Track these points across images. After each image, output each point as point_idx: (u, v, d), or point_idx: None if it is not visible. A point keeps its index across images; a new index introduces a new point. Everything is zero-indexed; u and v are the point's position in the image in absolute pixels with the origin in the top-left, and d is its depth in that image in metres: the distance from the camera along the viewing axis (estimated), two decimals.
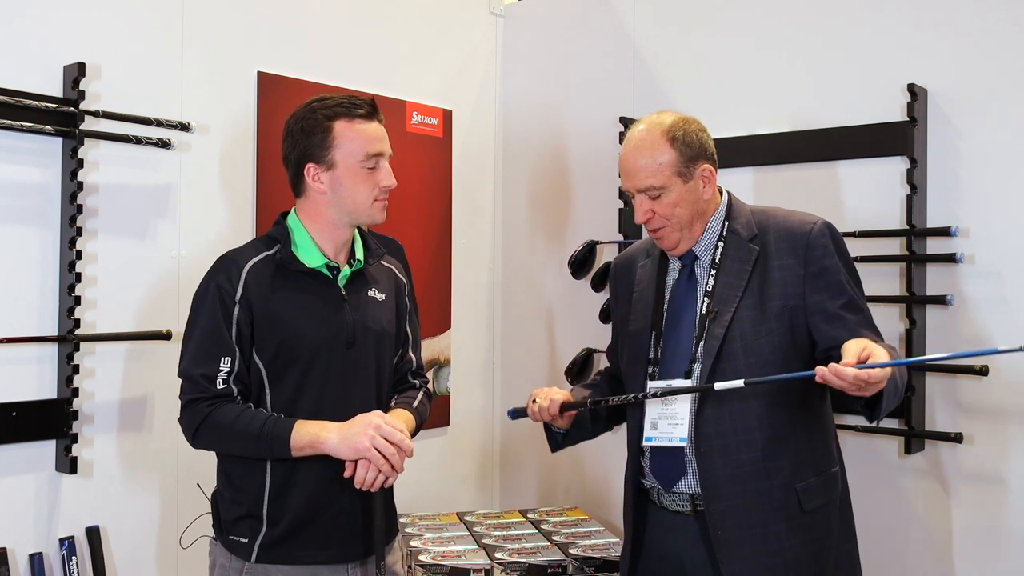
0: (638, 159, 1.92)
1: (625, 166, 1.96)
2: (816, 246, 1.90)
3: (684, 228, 1.95)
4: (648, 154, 1.91)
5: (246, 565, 1.88)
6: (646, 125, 1.95)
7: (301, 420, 1.85)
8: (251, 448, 1.84)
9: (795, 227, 1.93)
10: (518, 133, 3.60)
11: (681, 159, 1.91)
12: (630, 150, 1.95)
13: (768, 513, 1.86)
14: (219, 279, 1.89)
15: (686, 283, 1.99)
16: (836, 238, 1.94)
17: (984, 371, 2.43)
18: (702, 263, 1.98)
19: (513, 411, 2.12)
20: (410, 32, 3.32)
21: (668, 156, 1.91)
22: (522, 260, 3.59)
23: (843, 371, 1.65)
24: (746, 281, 1.91)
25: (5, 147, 2.32)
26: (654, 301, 2.02)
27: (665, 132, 1.92)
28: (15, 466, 2.34)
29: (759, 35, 2.92)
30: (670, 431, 1.91)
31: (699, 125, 1.97)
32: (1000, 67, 2.48)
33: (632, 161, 1.94)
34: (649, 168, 1.91)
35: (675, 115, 1.96)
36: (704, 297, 1.94)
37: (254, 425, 1.82)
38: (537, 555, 2.68)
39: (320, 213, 1.94)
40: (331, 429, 1.84)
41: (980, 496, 2.49)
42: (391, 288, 2.08)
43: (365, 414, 1.87)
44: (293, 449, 1.82)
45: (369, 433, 1.82)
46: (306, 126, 1.91)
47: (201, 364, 1.86)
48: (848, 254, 1.96)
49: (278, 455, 1.83)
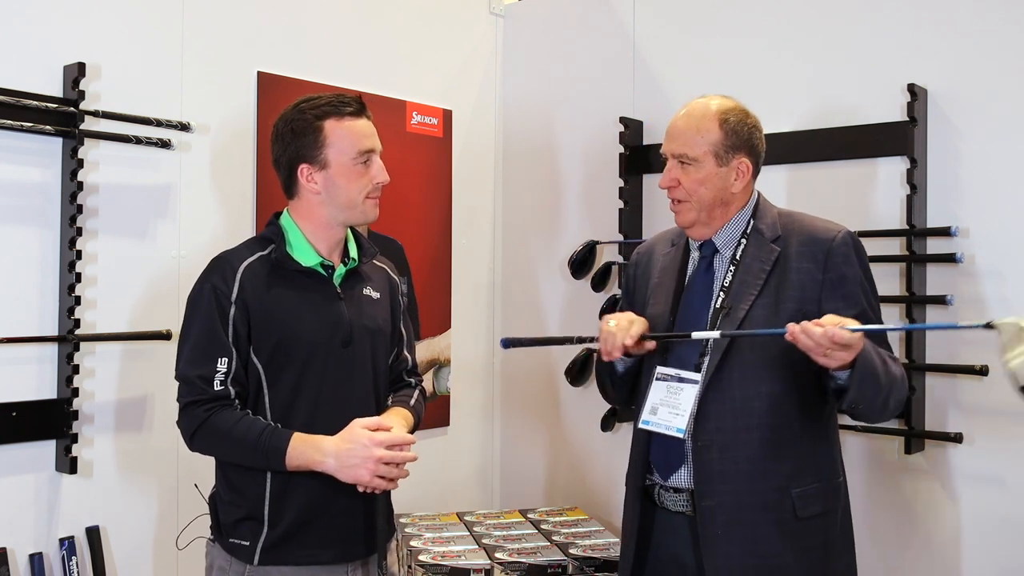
0: (683, 125, 1.95)
1: (670, 128, 1.99)
2: (837, 253, 1.90)
3: (703, 210, 1.95)
4: (695, 124, 1.94)
5: (248, 568, 1.87)
6: (707, 99, 1.98)
7: (298, 434, 1.83)
8: (248, 457, 1.85)
9: (819, 232, 1.93)
10: (518, 133, 3.60)
11: (724, 142, 1.93)
12: (680, 115, 1.98)
13: (759, 514, 1.85)
14: (214, 280, 1.88)
15: (703, 275, 1.99)
16: (859, 248, 1.93)
17: (984, 371, 2.43)
18: (721, 257, 1.98)
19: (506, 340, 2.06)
20: (410, 32, 3.32)
21: (713, 134, 1.93)
22: (522, 260, 3.59)
23: (811, 329, 1.68)
24: (764, 280, 1.91)
25: (5, 147, 2.32)
26: (674, 289, 2.02)
27: (720, 111, 1.95)
28: (15, 466, 2.34)
29: (759, 35, 2.92)
30: (669, 419, 1.90)
31: (756, 123, 1.99)
32: (1000, 67, 2.48)
33: (677, 125, 1.97)
34: (689, 136, 1.93)
35: (739, 104, 1.99)
36: (720, 292, 1.94)
37: (251, 434, 1.82)
38: (537, 555, 2.68)
39: (314, 213, 1.94)
40: (327, 452, 1.82)
41: (980, 496, 2.49)
42: (385, 287, 2.08)
43: (361, 434, 1.85)
44: (288, 465, 1.82)
45: (370, 467, 1.82)
46: (296, 127, 1.92)
47: (198, 366, 1.86)
48: (868, 266, 1.95)
49: (274, 467, 1.83)
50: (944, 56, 2.56)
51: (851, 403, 1.79)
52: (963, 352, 2.49)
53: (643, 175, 3.19)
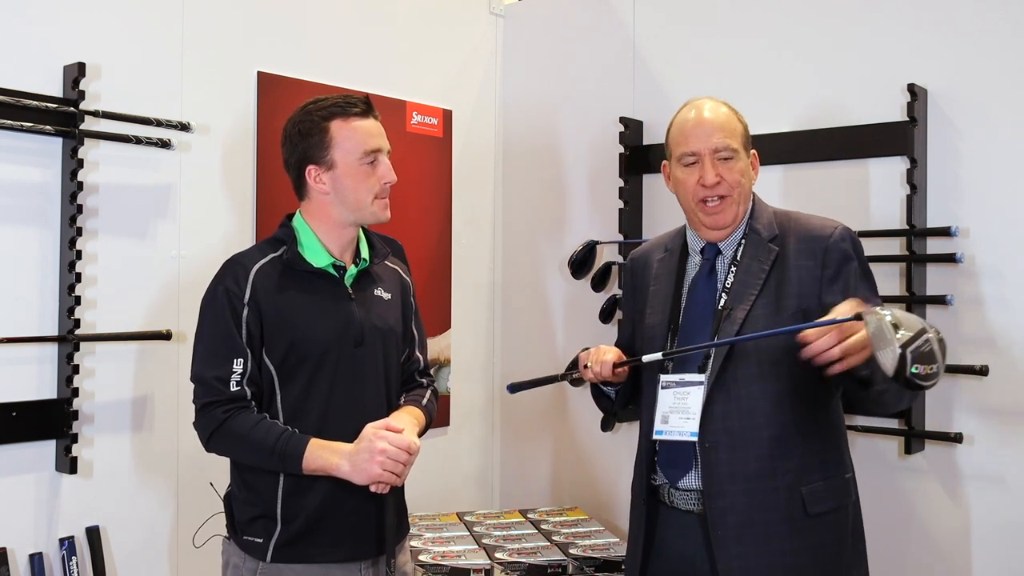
0: (715, 119, 1.96)
1: (697, 127, 1.96)
2: (835, 249, 1.90)
3: (741, 203, 1.97)
4: (724, 117, 1.96)
5: (260, 565, 1.89)
6: (708, 99, 2.00)
7: (314, 440, 1.85)
8: (264, 461, 1.86)
9: (816, 230, 1.94)
10: (518, 133, 3.60)
11: (745, 135, 1.98)
12: (705, 112, 1.97)
13: (770, 513, 1.85)
14: (227, 282, 1.89)
15: (706, 278, 1.99)
16: (856, 244, 1.94)
17: (984, 371, 2.43)
18: (723, 258, 1.98)
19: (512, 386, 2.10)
20: (410, 32, 3.32)
21: (739, 126, 1.98)
22: (522, 260, 3.59)
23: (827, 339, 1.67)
24: (763, 280, 1.91)
25: (5, 147, 2.32)
26: (672, 295, 2.02)
27: (731, 108, 1.99)
28: (15, 466, 2.34)
29: (759, 35, 2.92)
30: (681, 425, 1.90)
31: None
32: (1000, 67, 2.48)
33: (709, 120, 1.96)
34: (730, 128, 1.95)
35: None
36: (723, 293, 1.94)
37: (268, 439, 1.83)
38: (537, 555, 2.68)
39: (325, 214, 1.95)
40: (342, 455, 1.85)
41: (980, 496, 2.50)
42: (397, 288, 2.08)
43: (368, 432, 1.87)
44: (305, 469, 1.84)
45: (377, 459, 1.83)
46: (303, 129, 1.92)
47: (214, 367, 1.87)
48: (866, 261, 1.95)
49: (290, 471, 1.85)
50: (944, 56, 2.56)
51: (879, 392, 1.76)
52: (963, 352, 2.49)
53: (643, 175, 3.19)
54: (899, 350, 1.56)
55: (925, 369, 1.56)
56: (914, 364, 1.56)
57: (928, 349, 1.57)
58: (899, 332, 1.56)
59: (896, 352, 1.56)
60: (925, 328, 1.59)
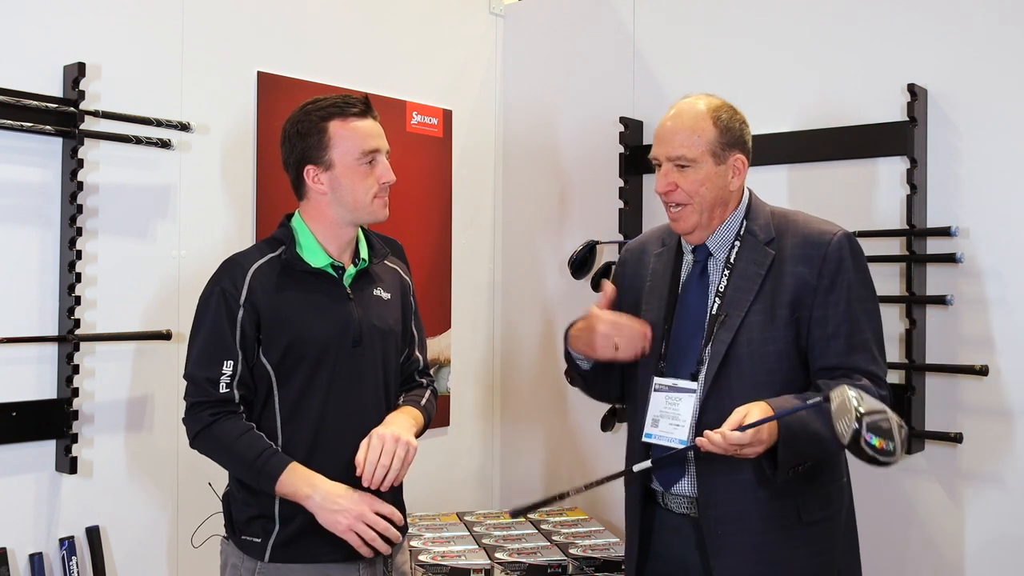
0: (677, 126, 1.90)
1: (661, 132, 1.93)
2: (832, 259, 1.86)
3: (704, 212, 1.91)
4: (689, 124, 1.90)
5: (259, 565, 1.89)
6: (693, 99, 1.94)
7: (296, 465, 1.84)
8: (242, 472, 1.88)
9: (814, 235, 1.89)
10: (518, 133, 3.60)
11: (719, 140, 1.89)
12: (671, 116, 1.93)
13: (764, 521, 1.84)
14: (224, 283, 1.89)
15: (698, 280, 1.96)
16: (856, 251, 1.89)
17: (984, 371, 2.43)
18: (716, 260, 1.95)
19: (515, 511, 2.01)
20: (410, 32, 3.32)
21: (708, 132, 1.89)
22: (522, 260, 3.59)
23: (714, 437, 1.71)
24: (759, 285, 1.88)
25: (5, 147, 2.32)
26: (667, 296, 1.99)
27: (711, 109, 1.91)
28: (15, 466, 2.34)
29: (759, 35, 2.92)
30: (670, 431, 1.88)
31: (743, 118, 1.96)
32: (1000, 67, 2.48)
33: (670, 127, 1.91)
34: (686, 137, 1.89)
35: (725, 101, 1.96)
36: (716, 297, 1.91)
37: (249, 454, 1.84)
38: (537, 555, 2.68)
39: (323, 214, 1.95)
40: (317, 490, 1.83)
41: (980, 496, 2.50)
42: (396, 288, 2.08)
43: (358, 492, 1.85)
44: (278, 491, 1.84)
45: (350, 521, 1.82)
46: (302, 129, 1.92)
47: (205, 368, 1.87)
48: (866, 268, 1.91)
49: (263, 489, 1.86)
50: (944, 56, 2.56)
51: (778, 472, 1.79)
52: (963, 352, 2.49)
53: (643, 175, 3.19)
54: (855, 423, 1.59)
55: (879, 442, 1.60)
56: (870, 433, 1.59)
57: (887, 427, 1.61)
58: (861, 406, 1.60)
59: (853, 422, 1.59)
60: (887, 411, 1.63)
